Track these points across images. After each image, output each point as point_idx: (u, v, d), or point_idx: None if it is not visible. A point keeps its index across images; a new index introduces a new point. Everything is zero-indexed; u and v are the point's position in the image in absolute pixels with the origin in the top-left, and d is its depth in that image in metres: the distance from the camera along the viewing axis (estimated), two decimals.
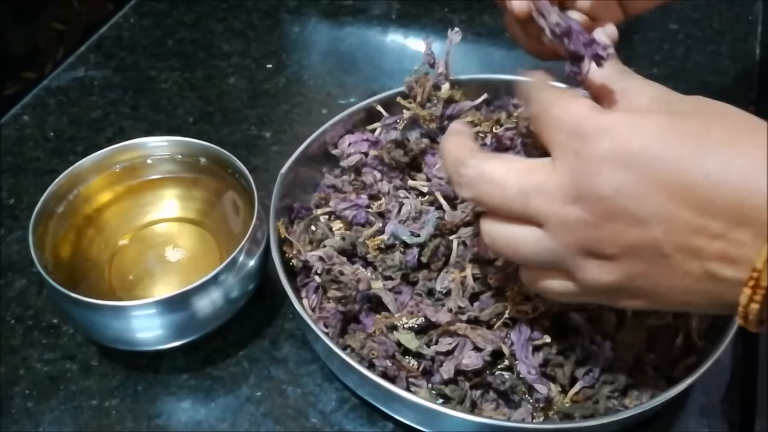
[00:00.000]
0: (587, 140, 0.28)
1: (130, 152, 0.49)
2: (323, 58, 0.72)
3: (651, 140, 0.27)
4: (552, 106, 0.30)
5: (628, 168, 0.27)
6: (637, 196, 0.27)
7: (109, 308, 0.42)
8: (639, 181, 0.27)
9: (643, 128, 0.27)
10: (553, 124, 0.30)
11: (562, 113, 0.30)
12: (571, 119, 0.29)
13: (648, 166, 0.27)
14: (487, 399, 0.41)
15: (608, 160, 0.27)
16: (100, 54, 0.72)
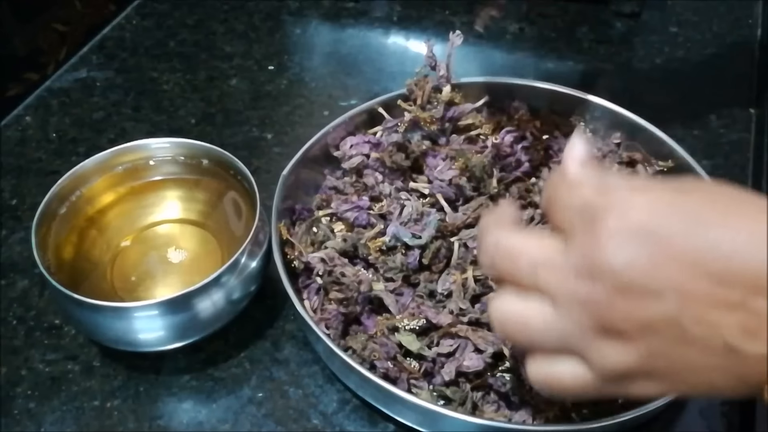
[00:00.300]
0: (596, 217, 0.28)
1: (133, 154, 0.50)
2: (325, 60, 0.72)
3: (658, 214, 0.27)
4: (558, 187, 0.31)
5: (638, 241, 0.27)
6: (649, 268, 0.27)
7: (111, 309, 0.42)
8: (650, 253, 0.27)
9: (649, 202, 0.27)
10: (560, 204, 0.30)
11: (568, 193, 0.30)
12: (578, 198, 0.29)
13: (658, 238, 0.27)
14: (488, 401, 0.42)
15: (618, 234, 0.27)
16: (102, 55, 0.72)
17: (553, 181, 0.32)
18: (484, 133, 0.54)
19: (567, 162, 0.32)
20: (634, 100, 0.65)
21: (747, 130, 0.62)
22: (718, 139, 0.61)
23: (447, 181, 0.49)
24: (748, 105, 0.65)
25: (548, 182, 0.32)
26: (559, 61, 0.70)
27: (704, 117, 0.64)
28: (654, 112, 0.55)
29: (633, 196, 0.28)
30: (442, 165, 0.50)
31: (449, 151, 0.51)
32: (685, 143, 0.52)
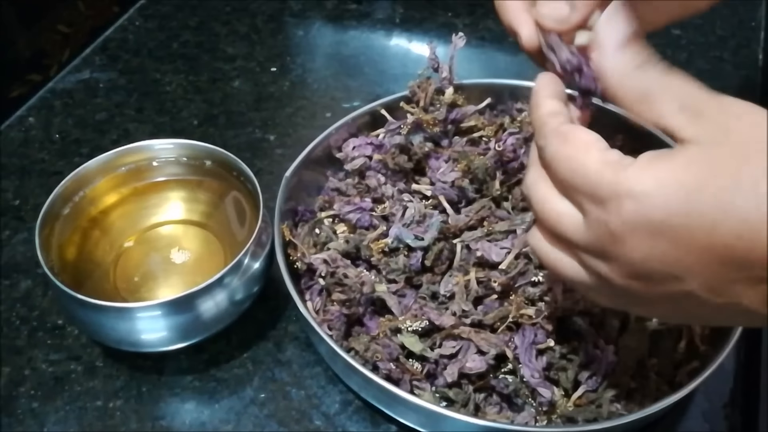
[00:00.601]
0: (607, 207, 0.27)
1: (136, 154, 0.50)
2: (327, 62, 0.72)
3: (674, 205, 0.26)
4: (564, 159, 0.29)
5: (655, 236, 0.26)
6: (668, 260, 0.27)
7: (114, 309, 0.42)
8: (668, 246, 0.26)
9: (663, 191, 0.26)
10: (567, 181, 0.29)
11: (574, 173, 0.29)
12: (586, 182, 0.28)
13: (675, 232, 0.26)
14: (491, 402, 0.42)
15: (632, 229, 0.27)
16: (105, 56, 0.73)
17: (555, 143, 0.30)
18: (486, 135, 0.54)
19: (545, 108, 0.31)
20: None
21: None
22: None
23: (449, 183, 0.49)
24: None
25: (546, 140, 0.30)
26: None
27: None
28: None
29: (649, 180, 0.26)
30: (444, 167, 0.50)
31: (452, 153, 0.51)
32: None
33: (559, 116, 0.31)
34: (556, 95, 0.32)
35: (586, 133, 0.30)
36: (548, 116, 0.32)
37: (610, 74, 0.31)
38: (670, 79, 0.29)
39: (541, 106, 0.32)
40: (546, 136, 0.31)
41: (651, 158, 0.27)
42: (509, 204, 0.49)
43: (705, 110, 0.27)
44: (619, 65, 0.30)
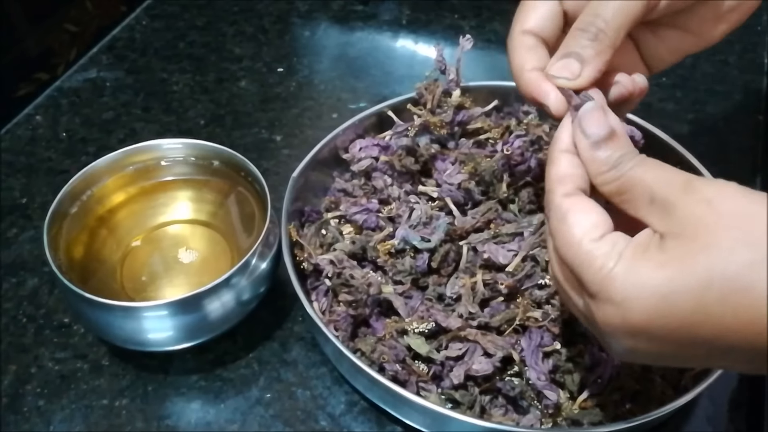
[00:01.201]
0: (594, 302, 0.29)
1: (144, 154, 0.50)
2: (334, 63, 0.72)
3: (652, 316, 0.27)
4: (560, 240, 0.31)
5: (635, 336, 0.28)
6: (652, 351, 0.29)
7: (121, 309, 0.42)
8: (650, 343, 0.29)
9: (642, 301, 0.27)
10: (563, 261, 0.31)
11: (568, 258, 0.30)
12: (576, 272, 0.30)
13: (655, 335, 0.28)
14: (497, 404, 0.42)
15: (614, 330, 0.29)
16: (112, 56, 0.73)
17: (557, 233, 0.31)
18: (493, 137, 0.54)
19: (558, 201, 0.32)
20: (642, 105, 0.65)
21: (756, 136, 0.62)
22: (727, 146, 0.61)
23: (456, 185, 0.49)
24: (756, 111, 0.65)
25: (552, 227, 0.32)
26: None
27: (713, 124, 0.64)
28: (663, 119, 0.55)
29: (626, 288, 0.28)
30: (451, 169, 0.50)
31: (458, 155, 0.51)
32: (693, 150, 0.52)
33: (567, 182, 0.32)
34: (573, 147, 0.32)
35: (583, 216, 0.30)
36: (557, 182, 0.32)
37: (588, 170, 0.32)
38: (643, 171, 0.30)
39: (554, 163, 0.33)
40: (549, 206, 0.32)
41: (632, 259, 0.28)
42: (516, 206, 0.49)
43: (675, 202, 0.28)
44: (595, 164, 0.31)
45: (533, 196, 0.49)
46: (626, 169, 0.30)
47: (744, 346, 0.26)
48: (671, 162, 0.52)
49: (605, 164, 0.31)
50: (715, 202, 0.27)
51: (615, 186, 0.31)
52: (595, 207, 0.31)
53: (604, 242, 0.29)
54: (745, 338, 0.26)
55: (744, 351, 0.26)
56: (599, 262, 0.29)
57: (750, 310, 0.25)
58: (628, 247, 0.29)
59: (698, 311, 0.26)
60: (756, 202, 0.27)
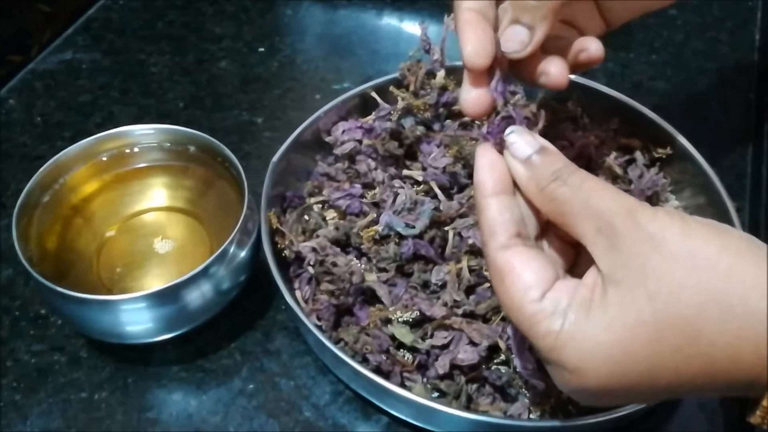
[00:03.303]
0: (550, 367, 0.29)
1: (117, 140, 0.48)
2: (317, 42, 0.70)
3: (608, 381, 0.27)
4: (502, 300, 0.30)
5: (595, 396, 0.29)
6: (617, 400, 0.31)
7: (97, 302, 0.41)
8: (613, 399, 0.30)
9: (594, 366, 0.27)
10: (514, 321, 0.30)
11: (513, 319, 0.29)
12: (525, 333, 0.29)
13: (615, 393, 0.28)
14: (483, 393, 0.41)
15: (573, 392, 0.29)
16: (88, 36, 0.71)
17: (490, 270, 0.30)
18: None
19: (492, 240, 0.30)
20: (632, 85, 0.64)
21: (747, 115, 0.61)
22: (718, 125, 0.60)
23: (441, 169, 0.47)
24: (748, 90, 0.64)
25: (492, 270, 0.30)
26: None
27: (704, 102, 0.63)
28: (653, 98, 0.54)
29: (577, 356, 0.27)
30: (436, 152, 0.49)
31: (443, 138, 0.49)
32: (684, 129, 0.51)
33: (499, 234, 0.29)
34: (499, 187, 0.30)
35: (521, 274, 0.28)
36: (488, 234, 0.30)
37: (525, 189, 0.30)
38: (587, 194, 0.28)
39: (482, 212, 0.30)
40: (487, 261, 0.30)
41: (578, 320, 0.27)
42: None
43: (620, 241, 0.27)
44: (534, 181, 0.30)
45: None
46: (571, 186, 0.28)
47: (703, 387, 0.26)
48: (662, 142, 0.51)
49: (544, 178, 0.29)
50: (658, 238, 0.26)
51: (558, 206, 0.29)
52: (533, 259, 0.29)
53: (547, 302, 0.28)
54: (700, 384, 0.26)
55: (704, 390, 0.26)
56: (543, 327, 0.28)
57: (699, 358, 0.25)
58: (572, 307, 0.27)
59: (654, 366, 0.26)
60: (696, 237, 0.26)
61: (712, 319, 0.25)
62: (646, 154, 0.52)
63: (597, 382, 0.27)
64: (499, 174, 0.31)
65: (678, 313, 0.25)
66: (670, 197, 0.51)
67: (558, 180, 0.29)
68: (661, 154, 0.51)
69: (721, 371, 0.25)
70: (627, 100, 0.53)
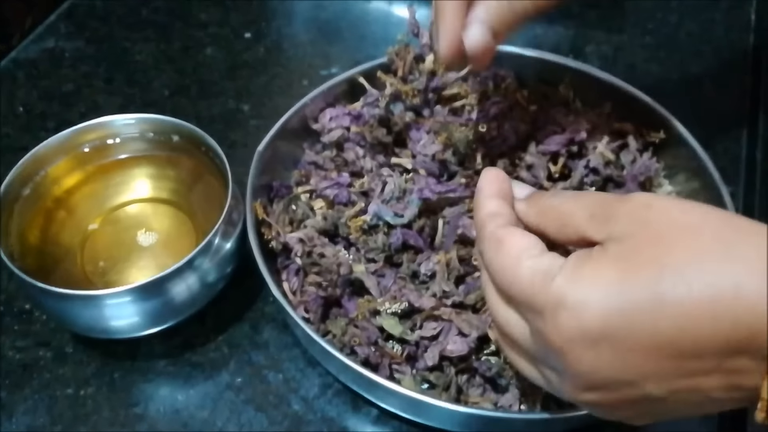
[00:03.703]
0: (544, 319, 0.27)
1: (99, 131, 0.47)
2: (304, 27, 0.69)
3: (608, 309, 0.25)
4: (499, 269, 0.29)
5: (597, 344, 0.26)
6: (616, 367, 0.26)
7: (81, 297, 0.40)
8: (613, 353, 0.26)
9: (595, 297, 0.25)
10: (504, 291, 0.29)
11: (509, 284, 0.28)
12: (520, 293, 0.28)
13: (616, 337, 0.25)
14: (474, 384, 0.40)
15: (572, 341, 0.26)
16: (71, 24, 0.69)
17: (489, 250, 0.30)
18: (469, 103, 0.51)
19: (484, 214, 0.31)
20: (625, 68, 0.63)
21: (741, 98, 0.60)
22: (712, 108, 0.59)
23: (430, 156, 0.47)
24: (743, 72, 0.63)
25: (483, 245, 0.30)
26: (547, 27, 0.68)
27: (698, 85, 0.62)
28: (646, 81, 0.53)
29: (580, 289, 0.26)
30: (425, 139, 0.48)
31: (433, 124, 0.48)
32: (678, 113, 0.50)
33: (498, 218, 0.31)
34: (499, 194, 0.32)
35: (520, 238, 0.29)
36: (487, 217, 0.31)
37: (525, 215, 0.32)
38: (577, 197, 0.30)
39: (481, 207, 0.32)
40: (483, 240, 0.31)
41: (576, 264, 0.27)
42: None
43: (614, 212, 0.27)
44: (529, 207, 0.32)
45: (510, 167, 0.47)
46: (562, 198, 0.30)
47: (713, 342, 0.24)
48: (655, 126, 0.51)
49: (538, 198, 0.31)
50: (656, 205, 0.27)
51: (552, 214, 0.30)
52: (530, 234, 0.30)
53: (546, 257, 0.28)
54: (714, 330, 0.24)
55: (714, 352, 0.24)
56: (541, 274, 0.27)
57: (710, 290, 0.24)
58: (570, 258, 0.27)
59: (663, 308, 0.24)
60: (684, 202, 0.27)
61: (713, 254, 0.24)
62: (639, 138, 0.51)
63: (599, 317, 0.25)
64: (500, 184, 0.32)
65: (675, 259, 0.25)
66: (663, 182, 0.50)
67: (546, 197, 0.31)
68: (654, 139, 0.50)
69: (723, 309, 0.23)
70: (620, 84, 0.52)
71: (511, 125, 0.47)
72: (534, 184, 0.46)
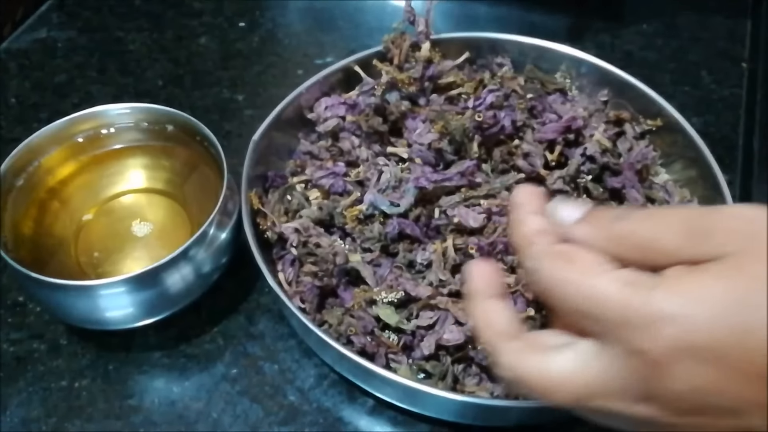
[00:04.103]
0: (642, 333, 0.23)
1: (92, 121, 0.47)
2: (299, 16, 0.69)
3: (719, 330, 0.22)
4: (571, 284, 0.25)
5: (703, 362, 0.23)
6: (723, 389, 0.23)
7: (75, 288, 0.40)
8: (719, 372, 0.23)
9: (704, 308, 0.23)
10: (579, 310, 0.25)
11: (588, 300, 0.25)
12: (607, 310, 0.24)
13: (725, 354, 0.22)
14: (470, 374, 0.40)
15: (676, 357, 0.23)
16: (63, 14, 0.69)
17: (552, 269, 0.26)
18: (466, 91, 0.51)
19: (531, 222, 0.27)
20: (621, 54, 0.63)
21: (739, 85, 0.60)
22: (709, 96, 0.59)
23: (426, 145, 0.46)
24: (740, 59, 0.62)
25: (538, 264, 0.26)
26: (544, 15, 0.67)
27: (695, 72, 0.61)
28: (643, 68, 0.53)
29: (683, 301, 0.23)
30: (421, 128, 0.47)
31: (429, 113, 0.48)
32: (674, 100, 0.50)
33: (549, 235, 0.27)
34: (541, 210, 0.28)
35: (588, 252, 0.26)
36: (536, 235, 0.27)
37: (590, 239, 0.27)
38: (656, 219, 0.26)
39: (525, 223, 0.28)
40: (539, 258, 0.27)
41: (680, 275, 0.24)
42: (489, 166, 0.46)
43: (710, 229, 0.24)
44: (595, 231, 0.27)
45: (506, 155, 0.47)
46: (628, 216, 0.26)
47: None
48: (652, 113, 0.50)
49: (607, 221, 0.26)
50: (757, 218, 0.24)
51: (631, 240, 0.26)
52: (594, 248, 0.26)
53: (625, 270, 0.24)
54: None
55: None
56: (631, 287, 0.24)
57: None
58: (667, 272, 0.24)
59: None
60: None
61: None
62: (636, 126, 0.51)
63: (706, 330, 0.22)
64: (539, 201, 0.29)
65: None
66: (660, 170, 0.50)
67: (615, 220, 0.26)
68: (651, 126, 0.50)
69: None
70: (617, 71, 0.52)
71: (507, 113, 0.46)
72: (531, 173, 0.46)
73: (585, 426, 0.40)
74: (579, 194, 0.46)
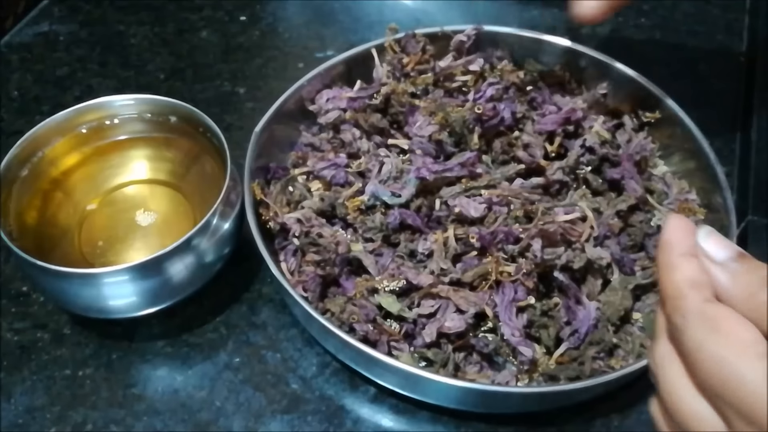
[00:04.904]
0: None
1: (96, 112, 0.47)
2: (299, 9, 0.69)
3: None
4: (713, 358, 0.24)
5: None
6: None
7: (79, 276, 0.40)
8: None
9: None
10: (714, 387, 0.24)
11: (727, 383, 0.23)
12: (745, 402, 0.23)
13: None
14: (471, 362, 0.41)
15: None
16: (64, 7, 0.69)
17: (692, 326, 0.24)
18: (468, 84, 0.51)
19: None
20: (620, 48, 0.63)
21: (737, 78, 0.61)
22: (708, 89, 0.60)
23: (427, 137, 0.47)
24: (738, 53, 0.63)
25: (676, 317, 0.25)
26: (543, 8, 0.67)
27: (693, 66, 0.62)
28: (641, 61, 0.53)
29: None
30: (421, 120, 0.48)
31: (429, 105, 0.48)
32: (673, 93, 0.50)
33: (703, 289, 0.25)
34: (693, 251, 0.26)
35: (741, 326, 0.24)
36: (689, 287, 0.25)
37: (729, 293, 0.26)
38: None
39: (677, 269, 0.26)
40: (687, 316, 0.25)
41: None
42: (489, 157, 0.47)
43: None
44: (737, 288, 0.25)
45: (506, 146, 0.47)
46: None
47: None
48: (651, 106, 0.51)
49: (753, 284, 0.25)
50: None
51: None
52: (751, 325, 0.24)
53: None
54: None
55: None
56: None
57: None
58: None
59: None
60: None
61: None
62: (635, 118, 0.51)
63: None
64: (692, 238, 0.26)
65: None
66: (658, 162, 0.51)
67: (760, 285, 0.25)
68: (649, 119, 0.50)
69: None
70: (615, 64, 0.52)
71: (507, 105, 0.47)
72: (531, 163, 0.46)
73: (586, 414, 0.41)
74: (578, 185, 0.46)
